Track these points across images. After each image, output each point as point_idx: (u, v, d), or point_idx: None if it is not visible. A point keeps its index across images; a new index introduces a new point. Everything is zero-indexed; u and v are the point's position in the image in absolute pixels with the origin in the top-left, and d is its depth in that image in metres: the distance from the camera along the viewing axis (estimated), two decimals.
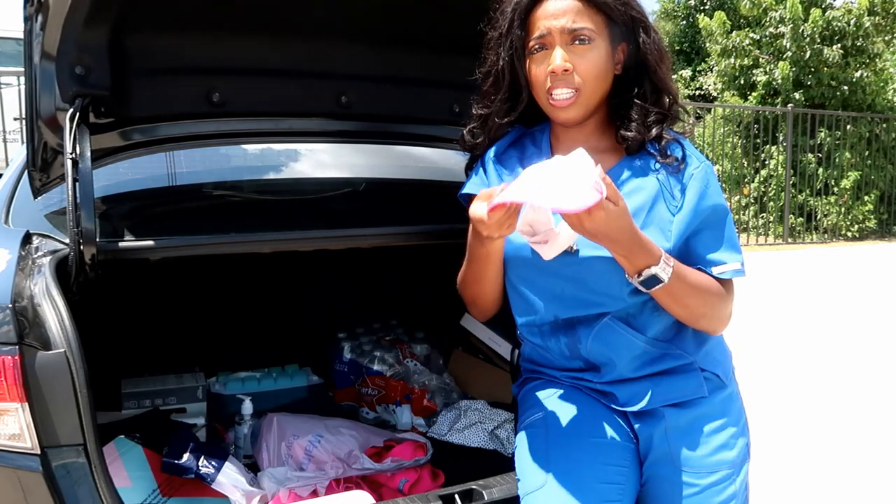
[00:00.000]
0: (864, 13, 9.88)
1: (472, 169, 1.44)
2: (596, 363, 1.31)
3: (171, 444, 1.63)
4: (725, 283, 1.27)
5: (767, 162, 10.07)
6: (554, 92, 1.22)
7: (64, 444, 1.19)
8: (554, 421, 1.30)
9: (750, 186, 10.07)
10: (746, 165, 10.11)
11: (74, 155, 1.36)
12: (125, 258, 1.51)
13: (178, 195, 2.08)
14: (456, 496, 1.38)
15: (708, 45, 11.16)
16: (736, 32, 10.55)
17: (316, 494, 1.64)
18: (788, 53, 10.04)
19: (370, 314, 2.59)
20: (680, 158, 1.26)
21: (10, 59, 6.23)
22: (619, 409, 1.31)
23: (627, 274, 1.18)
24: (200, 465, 1.57)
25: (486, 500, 1.39)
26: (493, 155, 1.38)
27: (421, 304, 2.54)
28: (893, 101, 10.88)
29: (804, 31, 9.87)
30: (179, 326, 2.29)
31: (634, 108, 1.26)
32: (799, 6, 9.86)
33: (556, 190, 1.05)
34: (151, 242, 1.51)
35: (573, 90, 1.22)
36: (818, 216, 10.13)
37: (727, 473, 1.27)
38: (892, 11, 10.28)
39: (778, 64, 10.02)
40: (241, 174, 2.39)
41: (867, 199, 10.24)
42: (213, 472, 1.56)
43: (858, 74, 10.08)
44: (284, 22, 1.64)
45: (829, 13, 9.98)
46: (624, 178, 1.27)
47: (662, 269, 1.16)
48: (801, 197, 10.02)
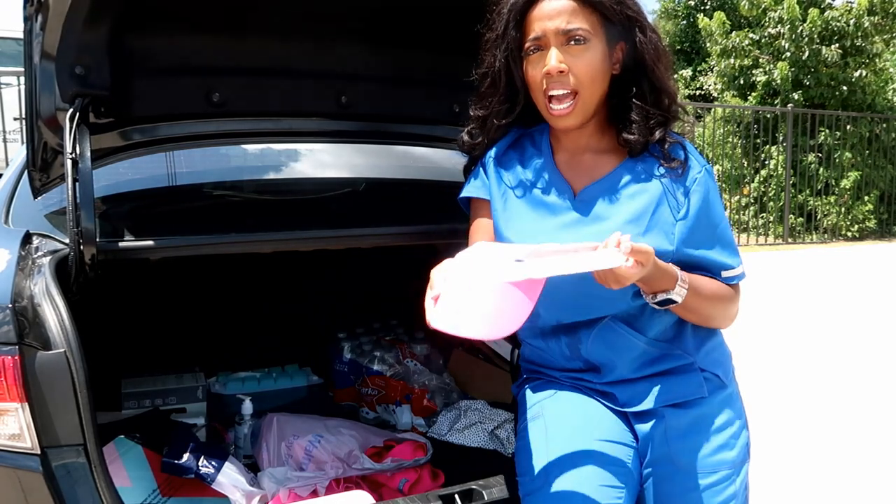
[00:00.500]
0: (863, 13, 9.88)
1: (471, 171, 1.43)
2: (596, 364, 1.31)
3: (171, 444, 1.63)
4: (732, 284, 1.30)
5: (767, 162, 10.06)
6: (552, 94, 1.22)
7: (64, 444, 1.19)
8: (554, 421, 1.30)
9: (750, 186, 10.07)
10: (746, 165, 10.11)
11: (74, 155, 1.36)
12: (125, 258, 1.51)
13: (177, 195, 2.08)
14: (456, 496, 1.38)
15: (708, 45, 11.15)
16: (735, 33, 10.54)
17: (316, 494, 1.64)
18: (787, 54, 10.04)
19: (370, 314, 2.59)
20: (683, 161, 1.26)
21: (10, 59, 6.23)
22: (619, 409, 1.31)
23: (643, 293, 1.20)
24: (200, 465, 1.57)
25: (486, 500, 1.39)
26: (492, 157, 1.37)
27: (421, 304, 2.54)
28: (893, 100, 10.87)
29: (802, 31, 9.87)
30: (179, 326, 2.29)
31: (634, 109, 1.26)
32: (797, 6, 9.85)
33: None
34: (151, 242, 1.51)
35: (570, 93, 1.21)
36: (818, 216, 10.12)
37: (727, 473, 1.27)
38: (891, 11, 10.26)
39: (777, 64, 10.02)
40: (241, 174, 2.39)
41: (867, 199, 10.23)
42: (213, 472, 1.56)
43: (858, 74, 10.08)
44: (284, 22, 1.64)
45: (827, 13, 9.97)
46: (626, 180, 1.27)
47: (678, 292, 1.18)
48: (801, 197, 10.02)
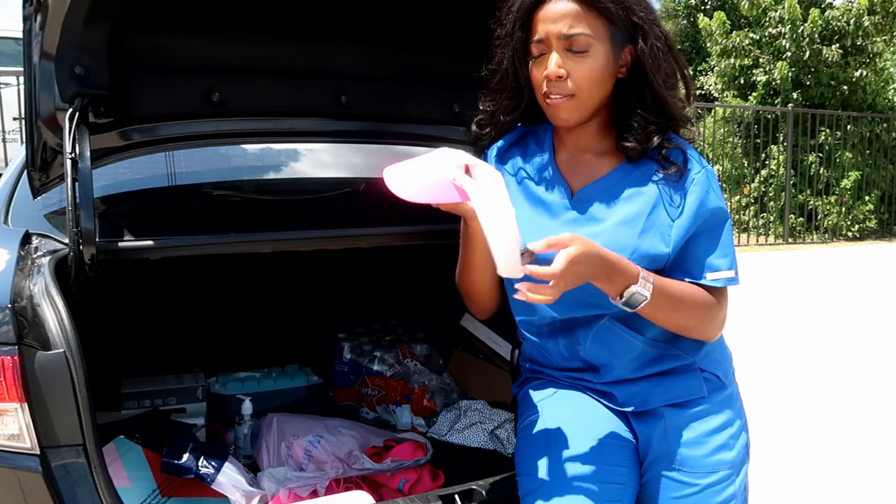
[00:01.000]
0: (863, 13, 9.88)
1: None
2: (595, 364, 1.31)
3: (170, 444, 1.63)
4: (717, 291, 1.26)
5: (768, 162, 10.06)
6: (551, 97, 1.22)
7: (63, 444, 1.18)
8: (554, 421, 1.30)
9: (750, 186, 10.07)
10: (747, 165, 10.11)
11: (74, 155, 1.36)
12: (125, 258, 1.51)
13: (177, 195, 2.08)
14: (456, 496, 1.38)
15: (708, 45, 11.16)
16: (736, 32, 10.54)
17: (316, 494, 1.63)
18: (788, 53, 10.03)
19: (370, 314, 2.59)
20: (681, 166, 1.25)
21: (9, 59, 6.23)
22: (618, 409, 1.31)
23: (610, 297, 1.17)
24: (200, 465, 1.57)
25: (486, 500, 1.38)
26: (495, 153, 1.38)
27: (421, 304, 2.54)
28: (894, 100, 10.87)
29: (803, 30, 9.87)
30: (179, 327, 2.29)
31: (635, 116, 1.25)
32: (797, 6, 9.85)
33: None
34: (151, 242, 1.51)
35: (567, 96, 1.21)
36: (819, 216, 10.12)
37: (727, 474, 1.27)
38: (891, 11, 10.27)
39: (777, 64, 10.02)
40: (241, 174, 2.39)
41: (868, 198, 10.24)
42: (212, 472, 1.56)
43: (858, 74, 10.08)
44: (284, 22, 1.64)
45: (828, 13, 9.97)
46: (624, 182, 1.27)
47: (642, 285, 1.15)
48: (801, 197, 10.02)
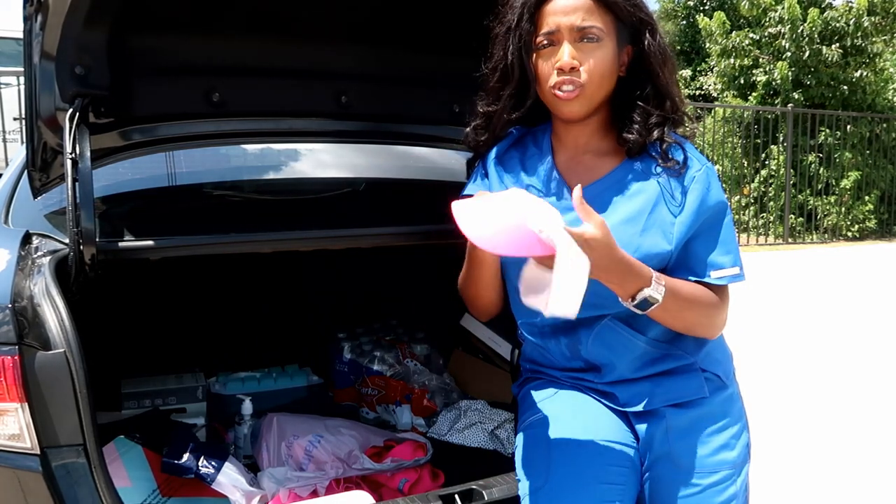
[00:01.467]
0: (863, 13, 9.88)
1: (474, 167, 1.44)
2: (596, 364, 1.31)
3: (171, 444, 1.63)
4: (720, 289, 1.26)
5: (768, 162, 10.06)
6: (561, 89, 1.22)
7: (64, 444, 1.19)
8: (554, 421, 1.30)
9: (750, 186, 10.07)
10: (746, 165, 10.11)
11: (74, 155, 1.36)
12: (125, 258, 1.51)
13: (177, 195, 2.08)
14: (456, 496, 1.38)
15: (708, 45, 11.16)
16: (735, 33, 10.55)
17: (316, 494, 1.63)
18: (788, 53, 10.03)
19: (370, 314, 2.59)
20: (681, 162, 1.25)
21: (10, 59, 6.23)
22: (619, 409, 1.31)
23: (621, 299, 1.17)
24: (200, 465, 1.57)
25: (486, 500, 1.39)
26: (494, 156, 1.38)
27: (421, 304, 2.54)
28: (893, 100, 10.87)
29: (803, 31, 9.87)
30: (179, 327, 2.29)
31: (637, 110, 1.26)
32: (797, 6, 9.86)
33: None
34: (151, 242, 1.51)
35: (578, 87, 1.21)
36: (818, 216, 10.13)
37: (728, 474, 1.27)
38: (891, 11, 10.27)
39: (777, 64, 10.02)
40: (241, 174, 2.39)
41: (867, 199, 10.24)
42: (212, 472, 1.56)
43: (858, 74, 10.08)
44: (284, 22, 1.64)
45: (827, 13, 9.98)
46: (624, 181, 1.27)
47: (655, 289, 1.15)
48: (801, 197, 10.02)
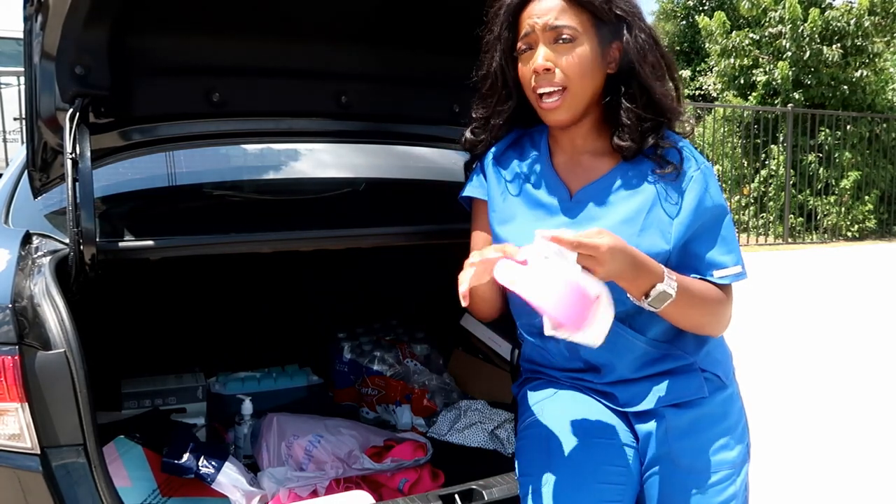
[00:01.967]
0: (863, 13, 9.88)
1: (472, 169, 1.44)
2: (596, 364, 1.31)
3: (171, 444, 1.63)
4: (724, 288, 1.26)
5: (767, 162, 10.07)
6: (540, 91, 1.22)
7: (64, 444, 1.19)
8: (554, 421, 1.29)
9: (750, 186, 10.07)
10: (746, 165, 10.11)
11: (74, 155, 1.36)
12: (125, 258, 1.51)
13: (177, 195, 2.08)
14: (456, 496, 1.38)
15: (707, 45, 11.16)
16: (735, 32, 10.55)
17: (316, 494, 1.64)
18: (788, 53, 10.04)
19: (370, 314, 2.59)
20: (678, 165, 1.25)
21: (10, 59, 6.23)
22: (619, 409, 1.31)
23: (633, 298, 1.17)
24: (200, 465, 1.57)
25: (486, 500, 1.39)
26: (492, 157, 1.38)
27: (421, 304, 2.54)
28: (893, 100, 10.87)
29: (803, 31, 9.87)
30: (179, 327, 2.29)
31: (626, 112, 1.25)
32: (798, 6, 9.86)
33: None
34: (151, 242, 1.51)
35: (558, 89, 1.21)
36: (818, 216, 10.13)
37: (727, 473, 1.27)
38: (892, 11, 10.28)
39: (777, 64, 10.02)
40: (241, 174, 2.39)
41: (867, 199, 10.24)
42: (213, 472, 1.56)
43: (858, 74, 10.08)
44: (284, 22, 1.64)
45: (828, 13, 9.98)
46: (621, 181, 1.27)
47: (668, 284, 1.15)
48: (801, 197, 10.02)
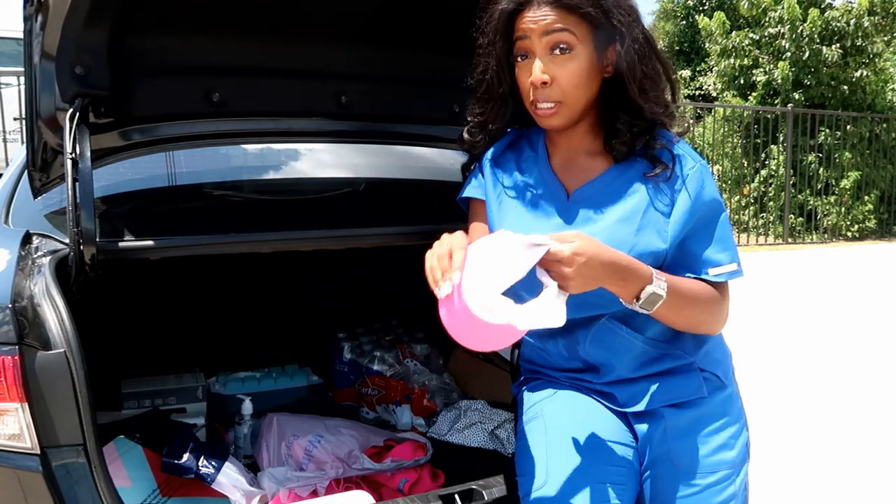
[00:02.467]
0: (863, 13, 9.88)
1: (470, 170, 1.44)
2: (595, 364, 1.31)
3: (171, 444, 1.63)
4: (719, 286, 1.26)
5: (767, 162, 10.06)
6: (537, 103, 1.22)
7: (64, 444, 1.19)
8: (554, 421, 1.30)
9: (750, 186, 10.07)
10: (746, 165, 10.11)
11: (74, 155, 1.36)
12: (125, 258, 1.51)
13: (177, 195, 2.08)
14: (456, 496, 1.38)
15: (707, 45, 11.15)
16: (735, 33, 10.54)
17: (316, 494, 1.64)
18: (788, 54, 10.04)
19: (370, 314, 2.59)
20: (669, 165, 1.24)
21: (10, 59, 6.23)
22: (618, 409, 1.31)
23: (625, 302, 1.16)
24: (200, 465, 1.57)
25: (486, 500, 1.39)
26: (489, 157, 1.38)
27: (421, 304, 2.54)
28: (893, 101, 10.86)
29: (803, 31, 9.87)
30: (179, 327, 2.29)
31: (620, 119, 1.24)
32: (797, 6, 9.86)
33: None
34: (151, 242, 1.51)
35: (554, 102, 1.21)
36: (818, 216, 10.12)
37: (727, 473, 1.27)
38: (891, 11, 10.27)
39: (777, 64, 10.02)
40: (241, 174, 2.39)
41: (867, 199, 10.23)
42: (213, 472, 1.56)
43: (858, 74, 10.08)
44: (284, 22, 1.64)
45: (827, 13, 9.98)
46: (619, 180, 1.27)
47: (657, 285, 1.15)
48: (801, 197, 10.02)
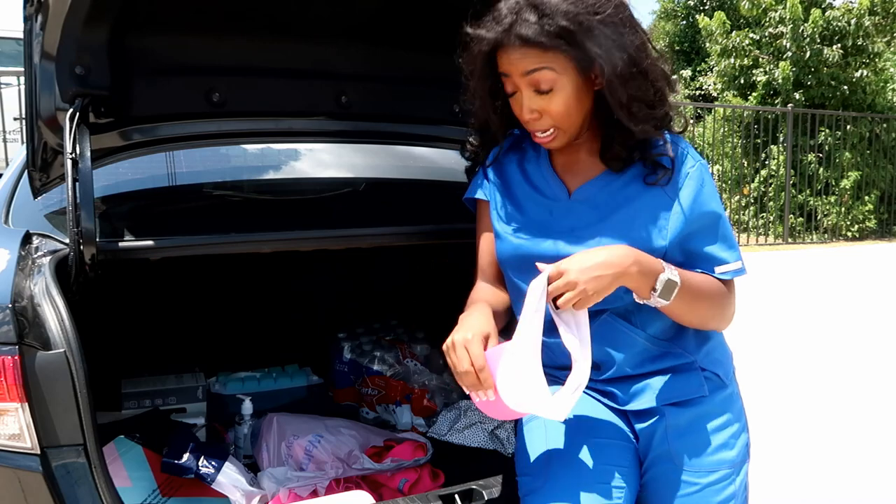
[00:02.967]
0: (864, 13, 9.88)
1: (474, 172, 1.44)
2: (596, 361, 1.31)
3: (171, 444, 1.63)
4: (726, 283, 1.27)
5: (768, 162, 10.06)
6: (534, 132, 1.24)
7: (64, 444, 1.19)
8: (554, 420, 1.30)
9: (750, 186, 10.07)
10: (746, 165, 10.11)
11: (74, 155, 1.36)
12: (125, 258, 1.51)
13: (177, 195, 2.08)
14: (456, 496, 1.38)
15: (708, 45, 11.16)
16: (736, 32, 10.55)
17: (316, 494, 1.63)
18: (788, 53, 10.04)
19: (370, 314, 2.59)
20: (668, 168, 1.24)
21: (10, 59, 6.24)
22: (619, 408, 1.31)
23: (643, 298, 1.17)
24: (200, 465, 1.57)
25: (486, 500, 1.39)
26: (493, 160, 1.39)
27: (421, 304, 2.54)
28: (893, 100, 10.87)
29: (804, 31, 9.87)
30: (179, 327, 2.29)
31: (613, 136, 1.25)
32: (799, 6, 9.86)
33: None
34: (151, 242, 1.51)
35: (549, 130, 1.23)
36: (818, 216, 10.13)
37: (727, 473, 1.27)
38: (892, 11, 10.28)
39: (778, 64, 10.02)
40: (241, 174, 2.39)
41: (867, 199, 10.24)
42: (213, 472, 1.56)
43: (858, 74, 10.08)
44: (284, 22, 1.64)
45: (829, 13, 9.98)
46: (619, 179, 1.27)
47: (670, 272, 1.16)
48: (801, 197, 10.02)
